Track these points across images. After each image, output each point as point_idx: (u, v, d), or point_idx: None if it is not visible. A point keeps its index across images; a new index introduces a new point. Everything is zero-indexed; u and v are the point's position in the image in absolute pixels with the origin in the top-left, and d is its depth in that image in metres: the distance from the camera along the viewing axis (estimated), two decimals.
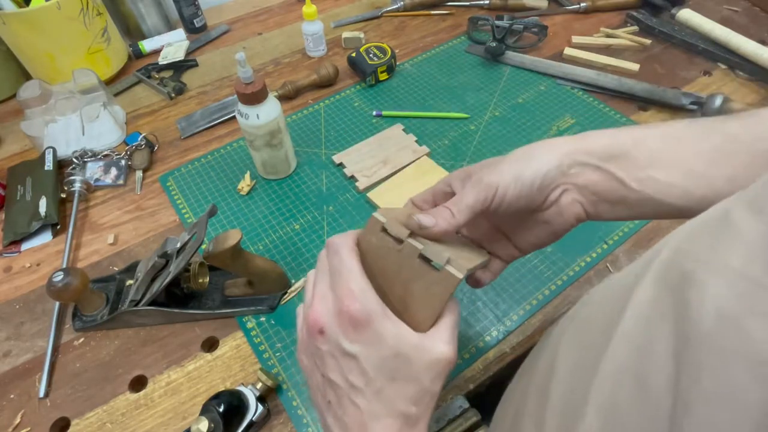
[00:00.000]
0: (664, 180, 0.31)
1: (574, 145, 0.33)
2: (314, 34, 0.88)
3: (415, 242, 0.31)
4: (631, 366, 0.21)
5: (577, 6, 0.97)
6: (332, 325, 0.30)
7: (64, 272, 0.50)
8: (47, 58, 0.81)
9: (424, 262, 0.30)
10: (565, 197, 0.34)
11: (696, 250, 0.20)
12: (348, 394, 0.30)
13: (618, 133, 0.34)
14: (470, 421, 0.47)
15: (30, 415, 0.50)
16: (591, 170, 0.33)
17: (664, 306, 0.20)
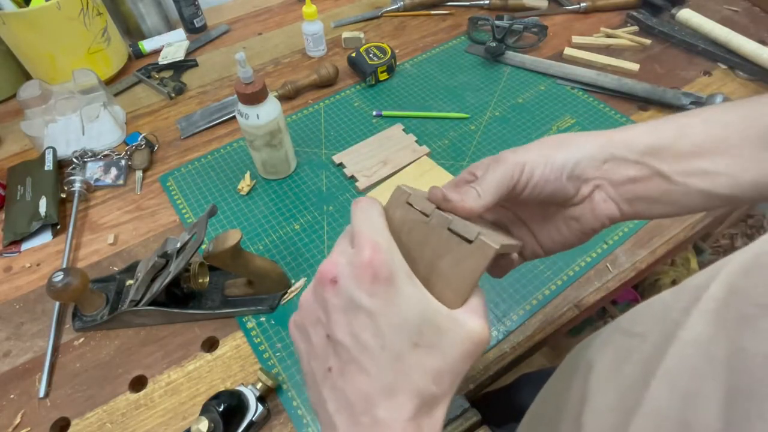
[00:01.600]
0: (711, 169, 0.29)
1: (611, 137, 0.31)
2: (314, 34, 0.88)
3: (444, 213, 0.28)
4: (674, 412, 0.20)
5: (577, 6, 0.97)
6: (348, 276, 0.24)
7: (64, 272, 0.50)
8: (47, 58, 0.81)
9: (453, 235, 0.28)
10: (598, 194, 0.31)
11: (754, 292, 0.19)
12: (356, 357, 0.24)
13: (658, 124, 0.31)
14: (470, 421, 0.47)
15: (30, 415, 0.50)
16: (628, 165, 0.30)
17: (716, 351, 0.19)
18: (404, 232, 0.29)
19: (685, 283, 0.25)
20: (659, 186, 0.30)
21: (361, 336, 0.24)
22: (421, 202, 0.29)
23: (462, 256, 0.27)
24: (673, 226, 0.62)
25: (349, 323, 0.24)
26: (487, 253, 0.27)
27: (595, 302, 0.56)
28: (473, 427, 0.47)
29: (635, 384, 0.23)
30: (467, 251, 0.27)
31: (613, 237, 0.61)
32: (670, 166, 0.30)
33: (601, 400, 0.26)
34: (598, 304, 0.57)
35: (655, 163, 0.30)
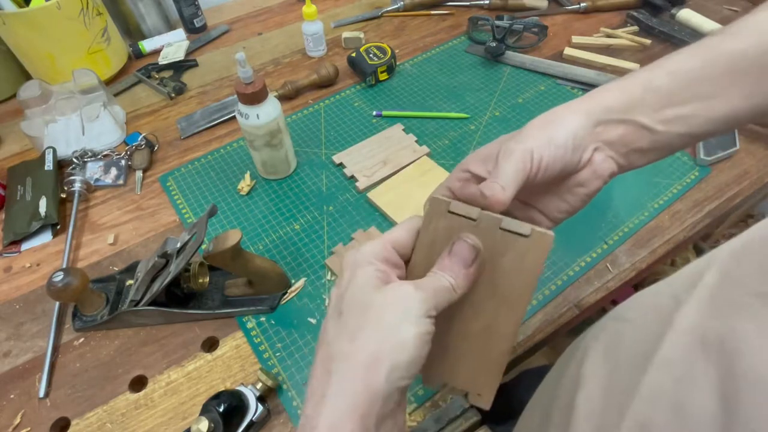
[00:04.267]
0: (685, 114, 0.31)
1: (589, 105, 0.33)
2: (314, 34, 0.88)
3: (492, 214, 0.29)
4: (670, 394, 0.21)
5: (577, 6, 0.97)
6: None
7: (64, 272, 0.50)
8: (47, 58, 0.81)
9: (507, 233, 0.29)
10: (598, 155, 0.33)
11: (746, 280, 0.20)
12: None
13: (623, 83, 0.33)
14: (470, 421, 0.47)
15: (30, 415, 0.50)
16: (615, 125, 0.33)
17: (711, 337, 0.20)
18: (454, 239, 0.30)
19: (680, 272, 0.26)
20: (646, 137, 0.33)
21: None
22: (463, 208, 0.29)
23: (523, 250, 0.29)
24: (673, 226, 0.62)
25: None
26: (547, 242, 0.28)
27: (595, 302, 0.56)
28: (473, 427, 0.47)
29: (631, 368, 0.24)
30: (527, 245, 0.29)
31: (613, 237, 0.61)
32: (650, 118, 0.32)
33: (596, 383, 0.27)
34: (598, 304, 0.57)
35: (634, 117, 0.32)
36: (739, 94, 0.31)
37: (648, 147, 0.33)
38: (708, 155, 0.67)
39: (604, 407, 0.25)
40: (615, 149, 0.33)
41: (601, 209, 0.63)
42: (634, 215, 0.63)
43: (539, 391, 0.38)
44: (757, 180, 0.66)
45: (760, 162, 0.68)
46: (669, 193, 0.65)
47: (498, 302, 0.30)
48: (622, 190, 0.65)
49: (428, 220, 0.30)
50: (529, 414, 0.38)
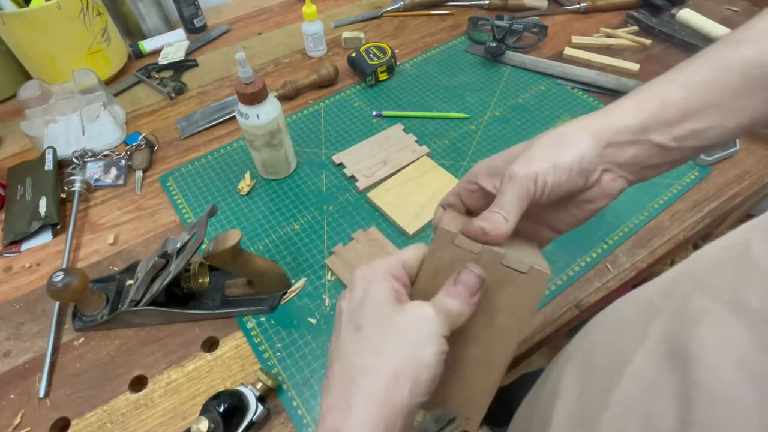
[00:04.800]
0: (700, 128, 0.31)
1: (601, 125, 0.32)
2: (314, 34, 0.88)
3: (494, 248, 0.30)
4: (639, 404, 0.21)
5: (577, 6, 0.97)
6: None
7: (64, 272, 0.50)
8: (47, 58, 0.81)
9: (507, 269, 0.30)
10: (606, 176, 0.33)
11: (719, 287, 0.20)
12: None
13: (639, 100, 0.32)
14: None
15: (30, 415, 0.50)
16: (627, 146, 0.32)
17: (676, 348, 0.20)
18: (456, 270, 0.31)
19: (657, 279, 0.26)
20: (658, 154, 0.32)
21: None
22: (467, 242, 0.30)
23: (520, 286, 0.30)
24: (673, 226, 0.62)
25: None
26: (542, 279, 0.29)
27: (595, 302, 0.56)
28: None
29: (605, 378, 0.24)
30: (524, 281, 0.30)
31: (613, 237, 0.61)
32: (664, 136, 0.31)
33: (571, 393, 0.27)
34: (598, 304, 0.57)
35: (649, 137, 0.31)
36: (757, 102, 0.30)
37: (661, 163, 0.33)
38: (708, 155, 0.67)
39: (579, 417, 0.25)
40: (626, 169, 0.33)
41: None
42: (634, 215, 0.63)
43: (526, 400, 0.38)
44: (757, 180, 0.66)
45: (760, 162, 0.68)
46: (669, 193, 0.65)
47: (493, 334, 0.31)
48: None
49: (434, 249, 0.31)
50: (515, 423, 0.39)
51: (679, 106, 0.31)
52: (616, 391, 0.22)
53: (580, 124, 0.32)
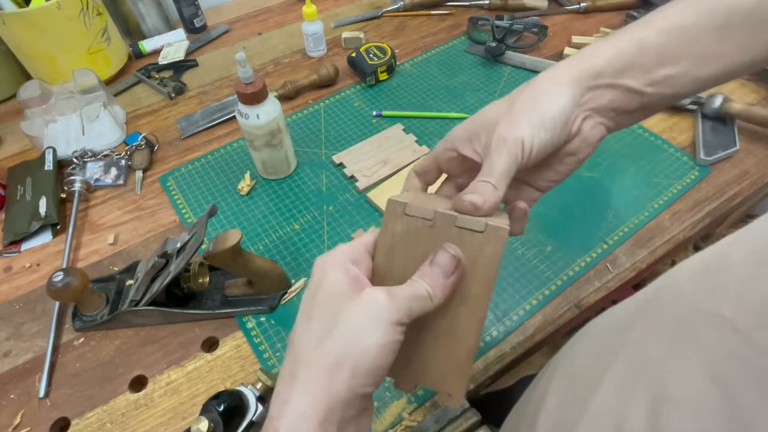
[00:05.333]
0: (676, 74, 0.30)
1: (578, 70, 0.32)
2: (314, 34, 0.88)
3: (446, 212, 0.29)
4: (612, 413, 0.21)
5: (577, 6, 0.97)
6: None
7: (64, 272, 0.50)
8: (47, 58, 0.81)
9: (463, 230, 0.29)
10: (587, 123, 0.33)
11: (694, 297, 0.20)
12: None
13: (618, 41, 0.32)
14: (470, 421, 0.47)
15: (30, 415, 0.50)
16: (604, 90, 0.31)
17: (652, 355, 0.20)
18: (412, 241, 0.30)
19: (645, 290, 0.26)
20: (634, 99, 0.32)
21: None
22: (419, 209, 0.29)
23: (479, 247, 0.28)
24: (673, 226, 0.62)
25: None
26: (501, 236, 0.28)
27: (595, 302, 0.56)
28: (473, 427, 0.47)
29: (585, 386, 0.24)
30: (482, 241, 0.28)
31: (613, 237, 0.61)
32: (639, 81, 0.31)
33: (554, 401, 0.27)
34: (598, 304, 0.57)
35: (625, 81, 0.31)
36: (736, 49, 0.30)
37: (635, 108, 0.32)
38: (708, 155, 0.67)
39: (559, 425, 0.25)
40: (604, 114, 0.32)
41: (601, 209, 0.63)
42: (634, 215, 0.63)
43: (516, 406, 0.38)
44: (757, 180, 0.66)
45: (760, 162, 0.68)
46: (669, 193, 0.65)
47: (458, 302, 0.30)
48: (622, 190, 0.66)
49: (386, 223, 0.30)
50: (504, 430, 0.39)
51: (656, 51, 0.31)
52: (594, 399, 0.22)
53: (557, 75, 0.32)
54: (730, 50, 0.30)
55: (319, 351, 0.26)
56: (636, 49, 0.31)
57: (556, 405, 0.26)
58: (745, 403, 0.15)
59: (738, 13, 0.29)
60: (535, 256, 0.59)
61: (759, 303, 0.16)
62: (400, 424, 0.47)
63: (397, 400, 0.49)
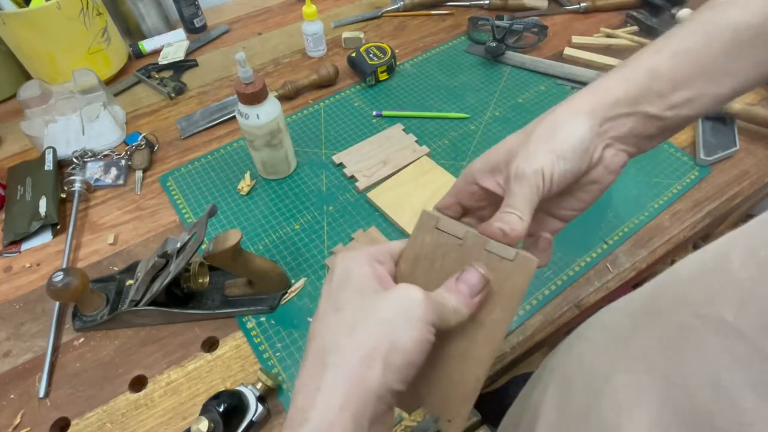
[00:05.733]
0: (693, 96, 0.30)
1: (594, 102, 0.32)
2: (314, 34, 0.88)
3: (478, 234, 0.29)
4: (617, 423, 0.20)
5: (577, 6, 0.97)
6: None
7: (64, 272, 0.50)
8: (47, 58, 0.81)
9: (492, 255, 0.29)
10: (608, 151, 0.32)
11: (695, 301, 0.19)
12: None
13: (629, 73, 0.32)
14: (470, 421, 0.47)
15: (30, 415, 0.50)
16: (624, 119, 0.31)
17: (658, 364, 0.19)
18: (438, 255, 0.30)
19: (639, 291, 0.26)
20: (654, 124, 0.32)
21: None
22: (451, 226, 0.30)
23: (506, 274, 0.29)
24: (673, 226, 0.62)
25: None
26: (530, 267, 0.28)
27: (595, 302, 0.56)
28: (473, 427, 0.47)
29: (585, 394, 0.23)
30: (510, 269, 0.28)
31: (613, 237, 0.61)
32: (658, 107, 0.31)
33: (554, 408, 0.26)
34: (598, 304, 0.57)
35: (643, 108, 0.31)
36: (748, 66, 0.30)
37: (656, 133, 0.32)
38: (708, 155, 0.67)
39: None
40: (625, 142, 0.32)
41: (601, 209, 0.63)
42: (634, 215, 0.63)
43: (511, 411, 0.37)
44: (757, 180, 0.66)
45: (760, 162, 0.68)
46: (669, 193, 0.65)
47: (477, 326, 0.29)
48: (622, 190, 0.65)
49: (416, 233, 0.30)
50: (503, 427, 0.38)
51: (668, 77, 0.31)
52: (596, 409, 0.22)
53: (573, 106, 0.32)
54: (743, 68, 0.30)
55: (351, 339, 0.25)
56: (648, 76, 0.31)
57: (555, 416, 0.26)
58: (748, 409, 0.15)
59: (745, 31, 0.29)
60: None
61: (762, 306, 0.16)
62: (400, 424, 0.47)
63: None
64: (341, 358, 0.25)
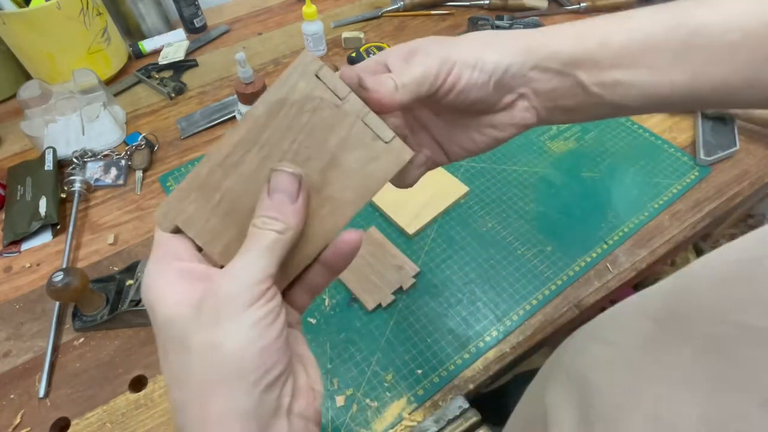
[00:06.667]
0: (626, 81, 0.29)
1: (536, 42, 0.29)
2: (314, 34, 0.88)
3: (361, 102, 0.25)
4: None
5: (577, 6, 0.97)
6: None
7: (64, 272, 0.50)
8: (47, 58, 0.81)
9: (368, 129, 0.25)
10: (521, 103, 0.30)
11: (724, 309, 0.18)
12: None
13: (583, 30, 0.29)
14: (470, 421, 0.47)
15: (30, 415, 0.50)
16: (552, 75, 0.29)
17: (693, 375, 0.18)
18: (307, 109, 0.25)
19: (656, 288, 0.24)
20: (576, 96, 0.30)
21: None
22: (334, 81, 0.25)
23: (374, 155, 0.25)
24: (673, 226, 0.62)
25: None
26: (401, 157, 0.25)
27: (595, 302, 0.56)
28: (473, 427, 0.47)
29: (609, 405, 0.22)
30: (380, 151, 0.25)
31: (613, 237, 0.61)
32: (589, 77, 0.29)
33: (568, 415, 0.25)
34: (598, 304, 0.57)
35: (575, 72, 0.29)
36: (686, 73, 0.28)
37: (574, 107, 0.30)
38: (708, 155, 0.67)
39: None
40: (541, 101, 0.30)
41: (601, 209, 0.63)
42: (634, 215, 0.63)
43: (518, 409, 0.36)
44: (757, 180, 0.66)
45: (760, 162, 0.68)
46: (669, 193, 0.65)
47: (323, 200, 0.26)
48: (622, 190, 0.66)
49: (290, 74, 0.25)
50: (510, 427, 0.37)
51: (616, 51, 0.28)
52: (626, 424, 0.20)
53: (513, 35, 0.29)
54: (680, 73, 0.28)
55: (182, 390, 0.22)
56: (599, 42, 0.29)
57: (576, 425, 0.24)
58: None
59: (700, 35, 0.27)
60: (535, 256, 0.59)
61: None
62: (400, 424, 0.47)
63: (397, 400, 0.49)
64: (184, 416, 0.21)
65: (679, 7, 0.29)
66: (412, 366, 0.51)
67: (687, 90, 0.28)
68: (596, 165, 0.69)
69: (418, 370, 0.51)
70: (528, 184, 0.67)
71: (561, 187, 0.67)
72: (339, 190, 0.25)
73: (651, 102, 0.29)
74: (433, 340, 0.53)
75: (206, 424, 0.21)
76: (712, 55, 0.27)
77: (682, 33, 0.27)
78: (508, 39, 0.29)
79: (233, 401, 0.20)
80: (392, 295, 0.56)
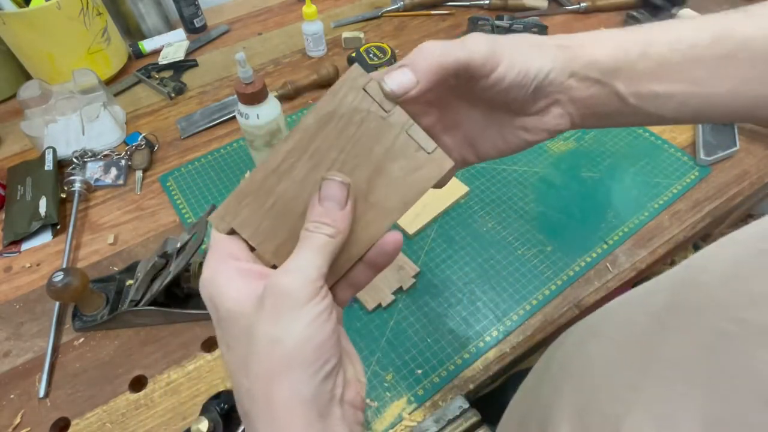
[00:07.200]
0: (664, 93, 0.28)
1: (576, 50, 0.29)
2: (314, 34, 0.88)
3: (406, 115, 0.26)
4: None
5: (577, 6, 0.97)
6: None
7: (64, 272, 0.50)
8: (47, 58, 0.81)
9: (411, 140, 0.27)
10: (555, 109, 0.30)
11: (732, 304, 0.18)
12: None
13: (624, 40, 0.29)
14: (470, 421, 0.47)
15: (30, 415, 0.50)
16: (591, 83, 0.29)
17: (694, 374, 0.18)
18: (355, 120, 0.27)
19: (654, 283, 0.24)
20: (613, 105, 0.30)
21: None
22: (380, 94, 0.26)
23: (417, 164, 0.27)
24: (673, 226, 0.62)
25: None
26: (443, 166, 0.27)
27: (595, 302, 0.56)
28: (473, 427, 0.47)
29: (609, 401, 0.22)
30: (423, 160, 0.27)
31: (613, 237, 0.61)
32: (627, 87, 0.29)
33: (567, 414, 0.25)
34: (598, 304, 0.57)
35: (614, 82, 0.29)
36: (725, 88, 0.28)
37: (608, 115, 0.30)
38: (708, 155, 0.67)
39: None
40: (576, 108, 0.30)
41: (601, 209, 0.63)
42: (634, 215, 0.63)
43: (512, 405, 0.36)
44: (757, 180, 0.66)
45: (760, 162, 0.68)
46: (669, 193, 0.65)
47: (368, 206, 0.27)
48: (622, 190, 0.66)
49: (340, 87, 0.26)
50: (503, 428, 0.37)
51: (656, 61, 0.28)
52: (626, 422, 0.20)
53: (555, 42, 0.29)
54: (719, 87, 0.28)
55: (248, 376, 0.24)
56: (640, 52, 0.28)
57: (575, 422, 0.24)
58: None
59: (744, 49, 0.27)
60: (535, 256, 0.59)
61: None
62: (400, 424, 0.47)
63: (397, 400, 0.49)
64: (250, 402, 0.24)
65: (723, 19, 0.29)
66: (412, 366, 0.51)
67: (725, 103, 0.29)
68: (596, 165, 0.69)
69: (418, 370, 0.51)
70: (528, 184, 0.67)
71: (561, 187, 0.67)
72: (383, 197, 0.27)
73: (687, 114, 0.29)
74: (433, 340, 0.53)
75: (272, 409, 0.23)
76: (754, 69, 0.27)
77: (726, 46, 0.28)
78: (550, 44, 0.29)
79: (296, 389, 0.22)
80: (392, 295, 0.56)
